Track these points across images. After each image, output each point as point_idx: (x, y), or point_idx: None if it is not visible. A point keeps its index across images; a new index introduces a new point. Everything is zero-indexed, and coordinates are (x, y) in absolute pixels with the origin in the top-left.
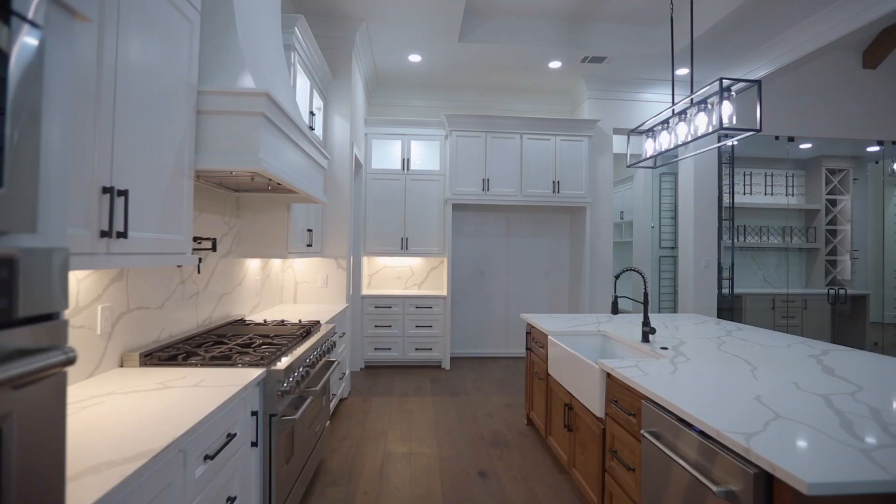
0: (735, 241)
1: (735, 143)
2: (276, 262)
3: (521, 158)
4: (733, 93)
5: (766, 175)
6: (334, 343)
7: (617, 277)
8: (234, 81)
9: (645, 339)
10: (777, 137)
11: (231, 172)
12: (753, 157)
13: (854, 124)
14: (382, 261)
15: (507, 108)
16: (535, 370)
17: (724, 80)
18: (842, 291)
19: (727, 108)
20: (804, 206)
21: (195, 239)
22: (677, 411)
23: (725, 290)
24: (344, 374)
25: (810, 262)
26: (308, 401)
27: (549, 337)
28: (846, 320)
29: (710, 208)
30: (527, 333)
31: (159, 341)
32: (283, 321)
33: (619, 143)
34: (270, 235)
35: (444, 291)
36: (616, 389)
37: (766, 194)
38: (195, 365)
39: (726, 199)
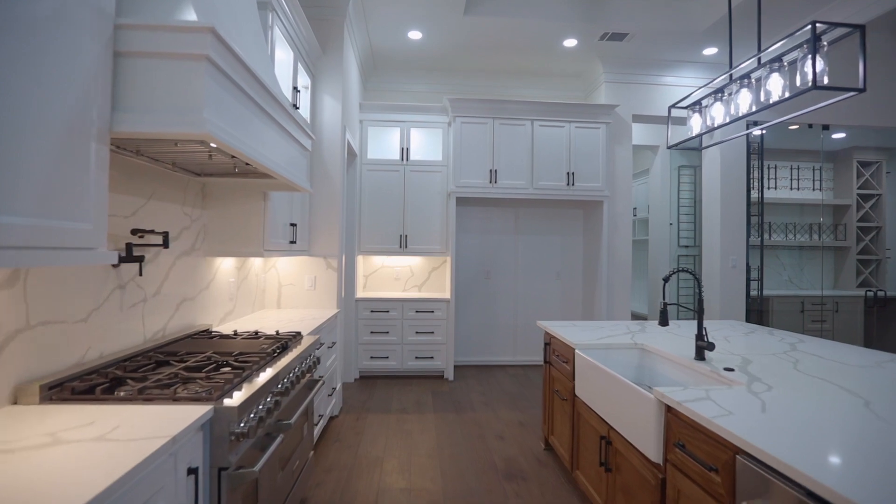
0: (763, 239)
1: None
2: (256, 262)
3: (532, 147)
4: (825, 43)
5: (791, 168)
6: (318, 359)
7: (666, 280)
8: (170, 15)
9: (700, 355)
10: (811, 126)
11: (175, 143)
12: (778, 148)
13: (891, 112)
14: (379, 260)
15: (514, 94)
16: (555, 388)
17: (817, 25)
18: (880, 293)
19: (819, 62)
20: (833, 202)
21: (138, 232)
22: (810, 484)
23: (753, 292)
24: (334, 388)
25: (839, 261)
26: (278, 440)
27: (577, 351)
28: (881, 324)
29: (738, 203)
30: (545, 344)
31: (83, 364)
32: (256, 332)
33: (637, 132)
34: (244, 230)
35: (446, 294)
36: (682, 429)
37: (791, 189)
38: (119, 400)
39: (753, 194)
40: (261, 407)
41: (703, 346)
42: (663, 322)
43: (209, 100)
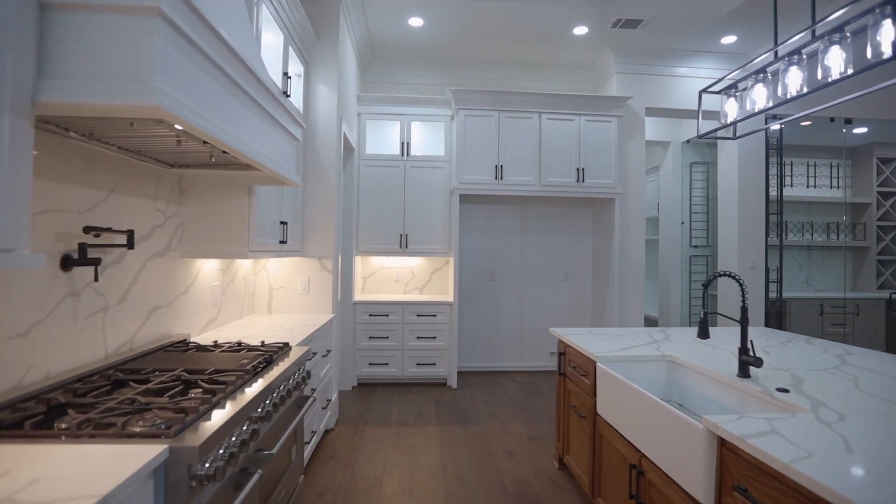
0: (782, 239)
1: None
2: (244, 263)
3: (539, 142)
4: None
5: (808, 165)
6: (308, 373)
7: (706, 286)
8: None
9: (744, 372)
10: (833, 119)
11: (132, 124)
12: (792, 144)
13: None
14: (378, 261)
15: (519, 87)
16: (571, 402)
17: None
18: None
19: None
20: (852, 200)
21: (93, 230)
22: None
23: (772, 294)
24: (329, 400)
25: (858, 262)
26: (255, 478)
27: (599, 365)
28: None
29: (757, 202)
30: (559, 354)
31: (21, 388)
32: (239, 343)
33: (647, 128)
34: (226, 228)
35: (449, 297)
36: (744, 470)
37: (808, 186)
38: (52, 437)
39: (771, 192)
40: (234, 439)
41: (748, 362)
42: (703, 334)
43: (163, 66)
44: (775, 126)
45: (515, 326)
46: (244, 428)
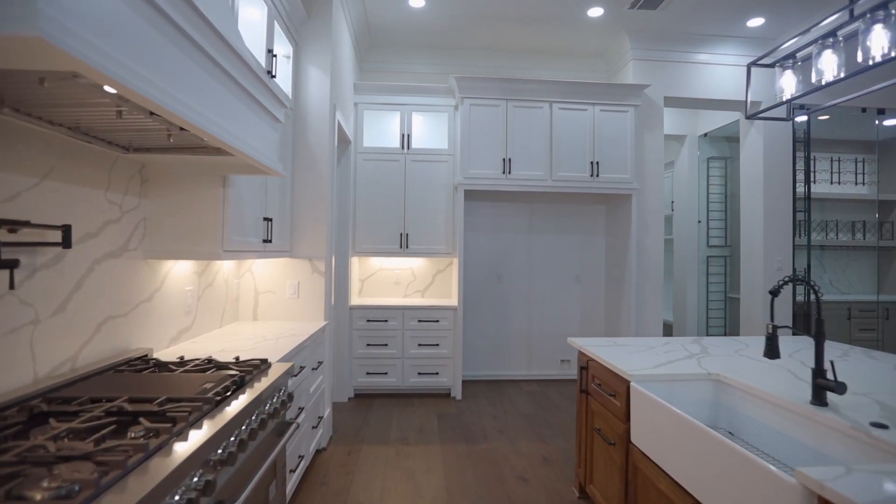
0: (810, 238)
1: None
2: (224, 265)
3: (550, 133)
4: None
5: (831, 160)
6: (290, 395)
7: (775, 294)
8: None
9: (819, 399)
10: (864, 110)
11: (42, 81)
12: (815, 138)
13: None
14: (377, 262)
15: (527, 75)
16: (595, 424)
17: None
18: None
19: None
20: (879, 197)
21: (5, 224)
22: None
23: (799, 298)
24: (321, 417)
25: (886, 262)
26: None
27: (633, 385)
28: None
29: (784, 199)
30: (580, 369)
31: None
32: (210, 360)
33: (668, 119)
34: (196, 225)
35: (453, 300)
36: None
37: (831, 183)
38: None
39: (798, 189)
40: (178, 497)
41: (827, 387)
42: (772, 353)
43: None
44: (833, 106)
45: (523, 332)
46: (195, 479)
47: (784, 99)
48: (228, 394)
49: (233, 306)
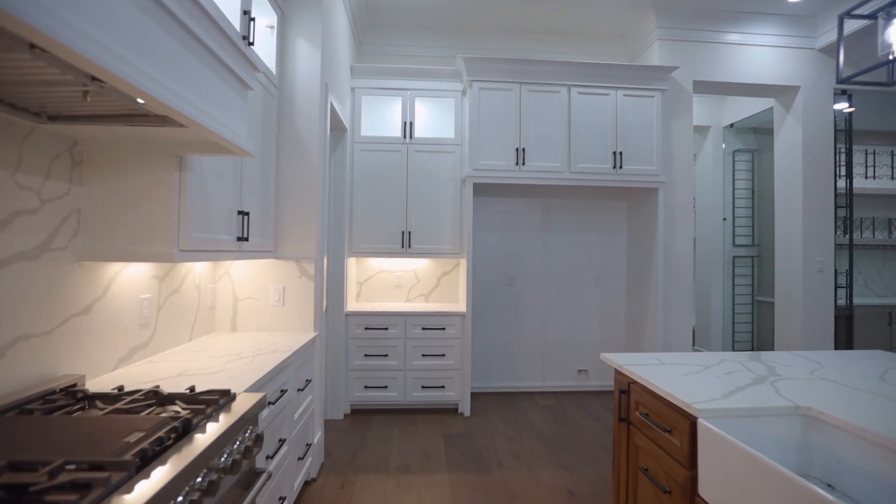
0: (852, 237)
1: None
2: (194, 267)
3: (569, 120)
4: None
5: (866, 153)
6: (258, 438)
7: None
8: None
9: None
10: None
11: None
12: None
13: None
14: (376, 263)
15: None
16: (641, 463)
17: None
18: None
19: None
20: None
21: None
22: None
23: (840, 301)
24: (309, 444)
25: None
26: None
27: (702, 422)
28: None
29: (826, 194)
30: (620, 392)
31: None
32: (155, 392)
33: (697, 106)
34: (144, 217)
35: (460, 306)
36: None
37: (865, 177)
38: None
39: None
40: None
41: None
42: None
43: None
44: None
45: (537, 339)
46: None
47: (893, 56)
48: (171, 442)
49: (206, 316)
